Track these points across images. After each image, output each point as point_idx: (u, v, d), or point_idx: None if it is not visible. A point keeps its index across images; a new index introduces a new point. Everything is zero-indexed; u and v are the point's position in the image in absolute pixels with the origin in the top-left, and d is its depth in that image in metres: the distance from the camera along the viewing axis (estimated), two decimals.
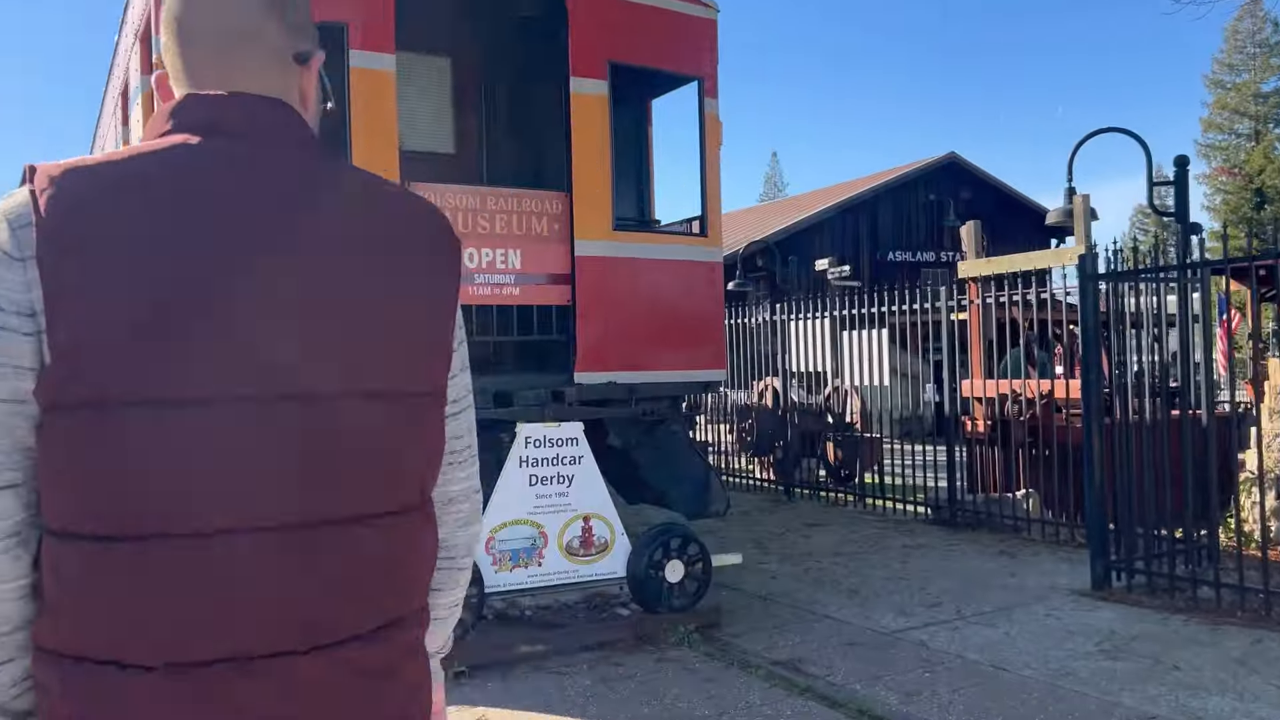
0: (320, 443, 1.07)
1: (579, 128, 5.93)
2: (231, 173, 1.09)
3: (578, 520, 5.40)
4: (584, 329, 5.92)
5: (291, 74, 1.21)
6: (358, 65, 5.31)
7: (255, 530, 1.03)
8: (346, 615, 1.09)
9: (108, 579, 1.00)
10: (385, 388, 1.13)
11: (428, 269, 1.20)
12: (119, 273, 0.99)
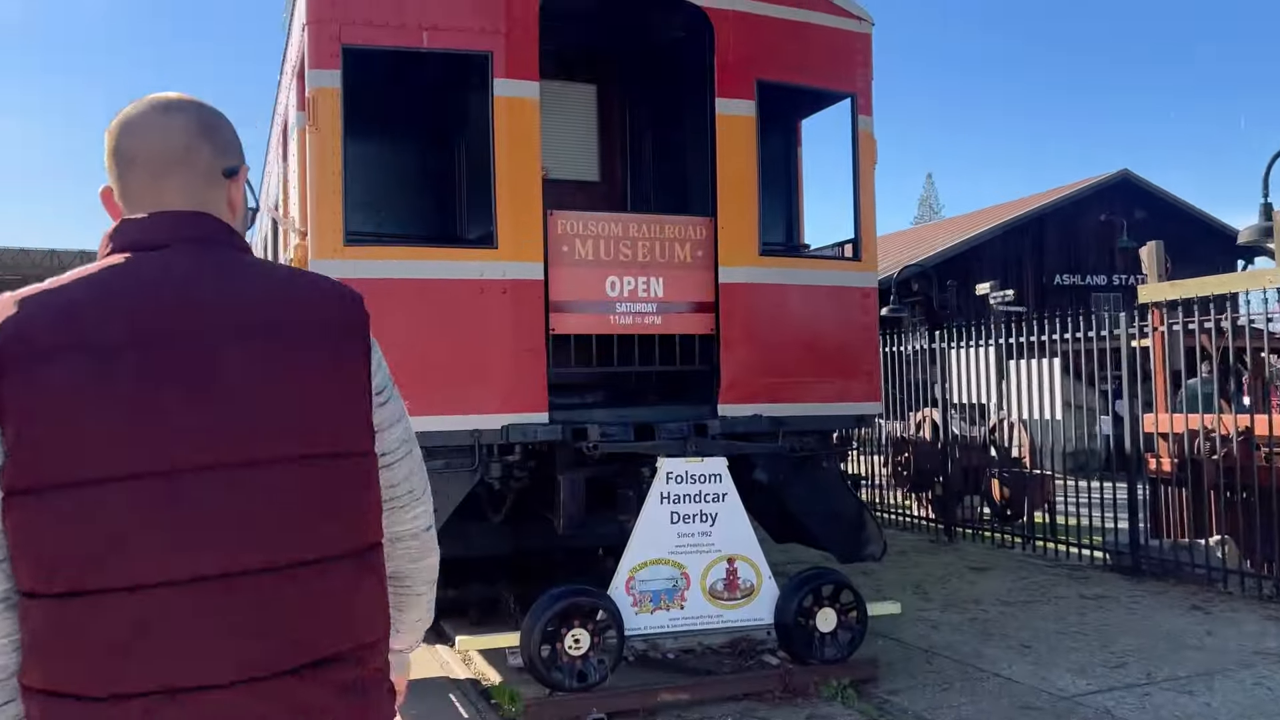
0: (238, 505, 1.28)
1: (725, 150, 5.71)
2: (153, 283, 1.32)
3: (721, 562, 5.12)
4: (728, 359, 5.67)
5: (219, 187, 1.45)
6: (502, 94, 5.26)
7: (182, 583, 1.24)
8: (271, 654, 1.28)
9: (63, 628, 1.23)
10: (299, 453, 1.32)
11: (333, 349, 1.40)
12: (55, 383, 1.23)
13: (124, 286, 1.32)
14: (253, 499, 1.29)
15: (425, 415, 5.10)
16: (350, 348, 1.43)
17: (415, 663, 5.42)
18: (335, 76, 5.10)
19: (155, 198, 1.41)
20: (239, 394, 1.30)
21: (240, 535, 1.28)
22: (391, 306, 5.12)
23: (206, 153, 1.44)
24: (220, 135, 1.48)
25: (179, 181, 1.42)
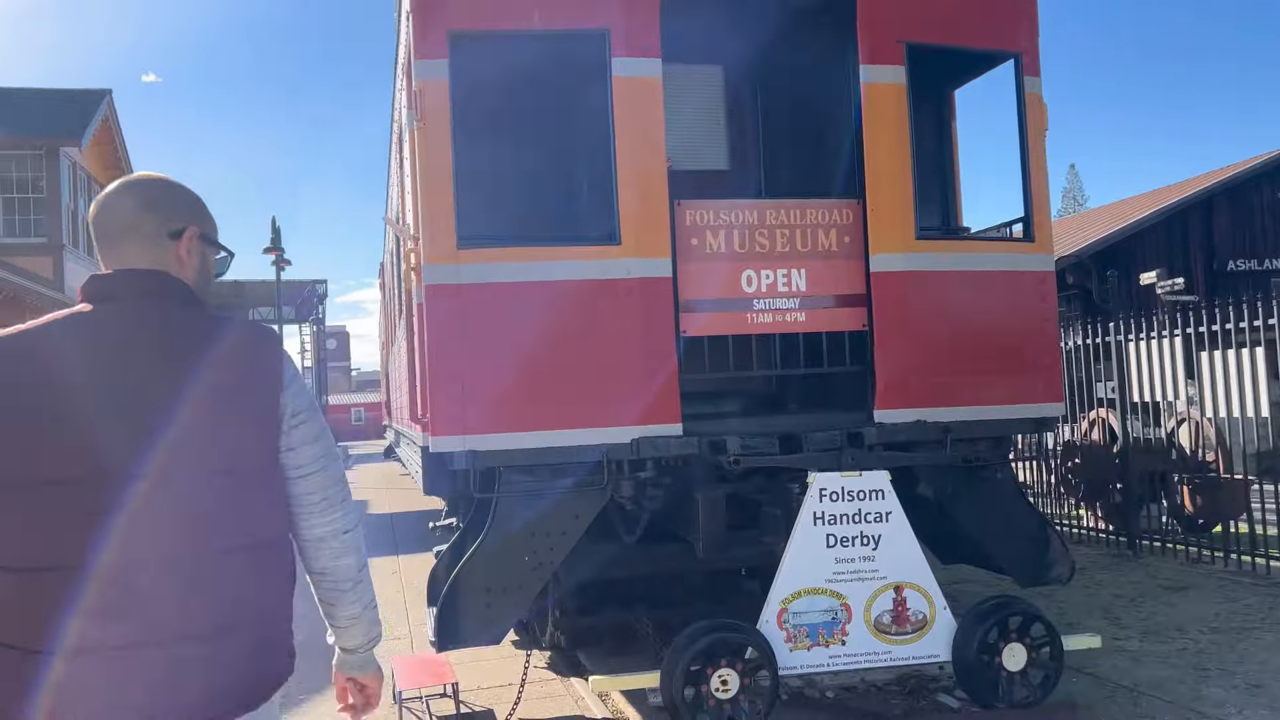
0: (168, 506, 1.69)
1: (872, 123, 5.06)
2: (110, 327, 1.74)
3: (888, 590, 4.46)
4: (884, 358, 5.01)
5: (167, 248, 1.86)
6: (621, 74, 4.77)
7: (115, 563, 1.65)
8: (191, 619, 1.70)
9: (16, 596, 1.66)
10: (211, 465, 1.74)
11: (248, 382, 1.81)
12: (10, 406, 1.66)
13: (79, 330, 1.74)
14: (164, 503, 1.69)
15: (548, 430, 4.66)
16: (261, 379, 1.82)
17: (548, 697, 4.91)
18: (442, 66, 4.71)
19: (118, 259, 1.85)
20: (157, 418, 1.69)
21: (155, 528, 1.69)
22: (508, 312, 4.70)
23: (150, 221, 1.86)
24: (164, 206, 1.88)
25: (132, 246, 1.85)
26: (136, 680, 1.67)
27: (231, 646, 1.76)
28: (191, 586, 1.71)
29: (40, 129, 20.70)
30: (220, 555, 1.74)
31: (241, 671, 1.79)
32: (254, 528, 1.81)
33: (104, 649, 1.64)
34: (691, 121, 6.01)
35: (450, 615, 4.64)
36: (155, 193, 1.89)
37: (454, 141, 4.71)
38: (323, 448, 1.92)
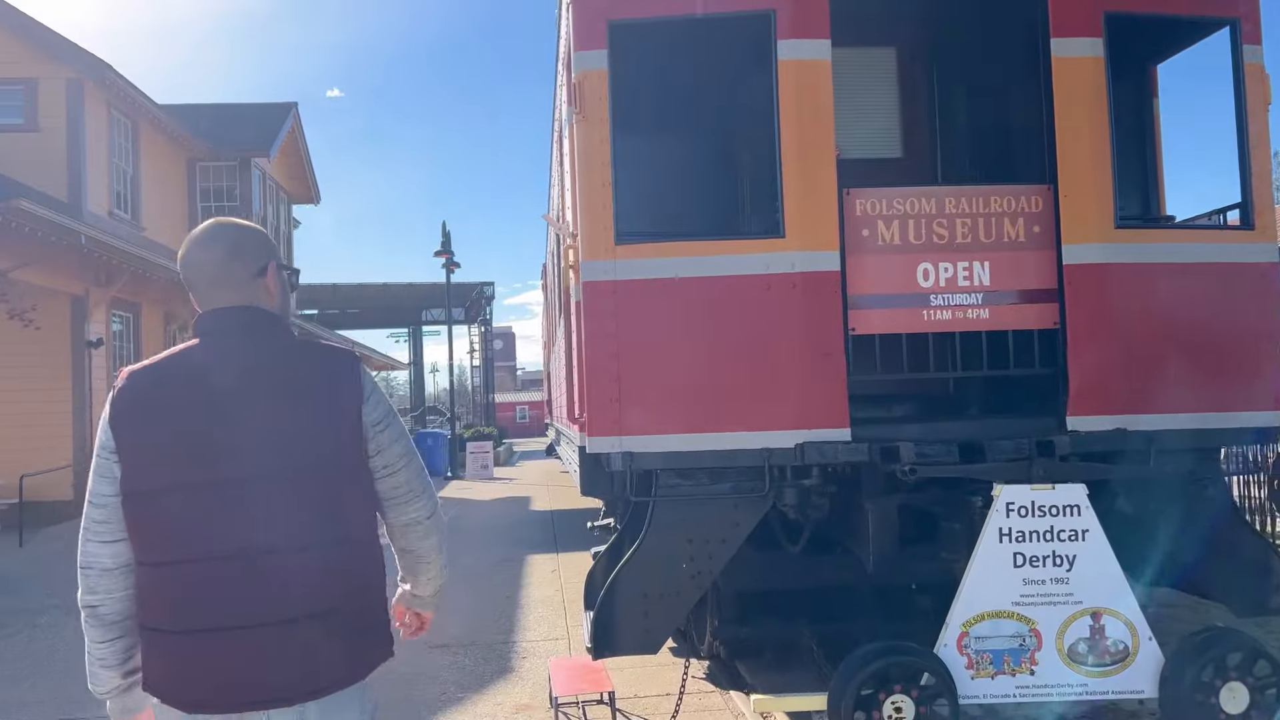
0: (270, 506, 1.97)
1: (1065, 101, 4.60)
2: (216, 359, 2.05)
3: (1084, 616, 4.02)
4: (1078, 359, 4.54)
5: (256, 285, 2.15)
6: (787, 57, 4.51)
7: (227, 556, 1.94)
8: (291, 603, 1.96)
9: (156, 584, 1.98)
10: (314, 470, 2.01)
11: (331, 396, 2.08)
12: (143, 429, 2.00)
13: (192, 363, 2.07)
14: (271, 503, 1.97)
15: (706, 432, 4.45)
16: (344, 394, 2.09)
17: (706, 710, 4.71)
18: (602, 57, 4.58)
19: (215, 300, 2.13)
20: (259, 429, 2.00)
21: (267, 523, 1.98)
22: (666, 309, 4.52)
23: (238, 269, 2.13)
24: (246, 251, 2.16)
25: (226, 291, 2.12)
26: (253, 657, 1.96)
27: (334, 628, 2.02)
28: (296, 575, 1.98)
29: (234, 142, 22.10)
30: (320, 548, 2.01)
31: (344, 650, 2.05)
32: (348, 524, 2.08)
33: (225, 630, 1.95)
34: (862, 107, 5.67)
35: (606, 622, 4.50)
36: (239, 239, 2.18)
37: (612, 133, 4.57)
38: (403, 447, 2.18)
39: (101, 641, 2.05)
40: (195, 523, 1.95)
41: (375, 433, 2.12)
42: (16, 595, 9.58)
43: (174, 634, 1.97)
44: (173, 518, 1.96)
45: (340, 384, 2.10)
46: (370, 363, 39.64)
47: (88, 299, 15.55)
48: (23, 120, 16.22)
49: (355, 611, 2.08)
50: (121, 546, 2.02)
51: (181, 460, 1.97)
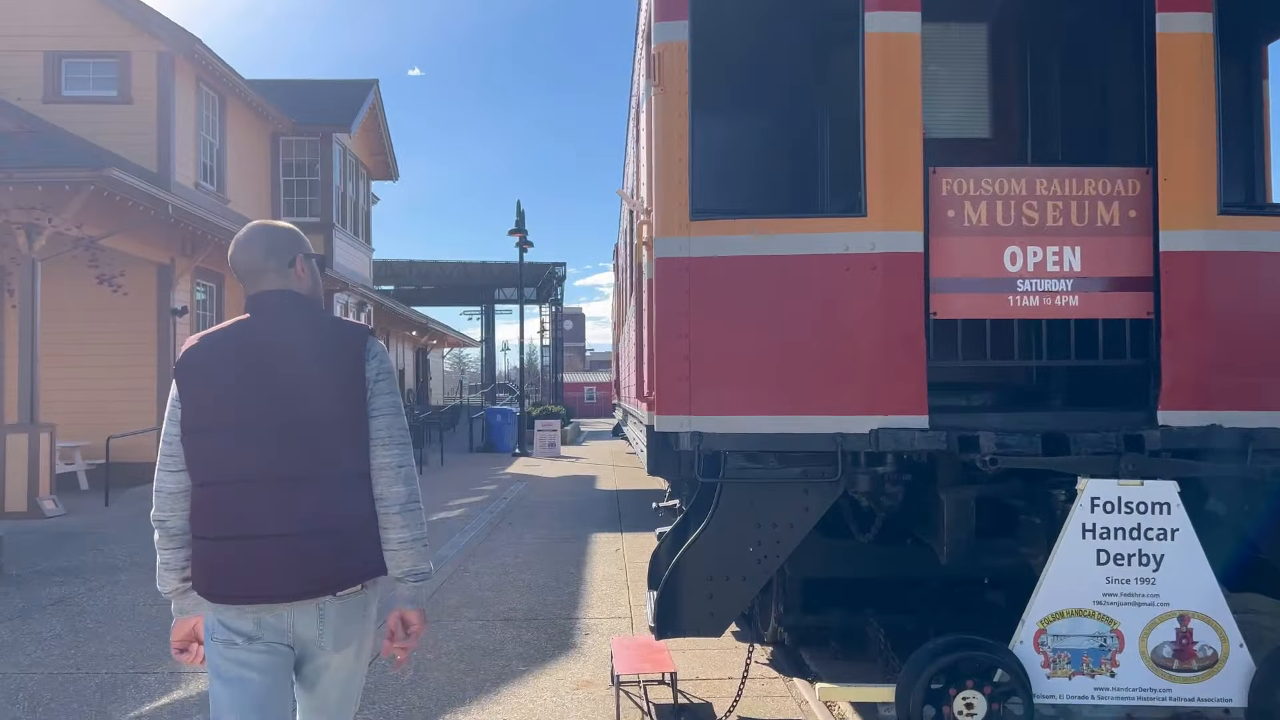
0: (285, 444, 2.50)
1: (1169, 80, 4.37)
2: (256, 330, 2.62)
3: (1170, 619, 3.84)
4: (1173, 351, 4.33)
5: (288, 273, 2.70)
6: (874, 30, 4.36)
7: (251, 480, 2.48)
8: (297, 521, 2.48)
9: (202, 502, 2.52)
10: (322, 418, 2.54)
11: (342, 359, 2.60)
12: (199, 382, 2.54)
13: (239, 333, 2.63)
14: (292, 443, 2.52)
15: (777, 415, 4.36)
16: (350, 359, 2.62)
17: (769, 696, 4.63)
18: (683, 28, 4.50)
19: (260, 284, 2.69)
20: (278, 386, 2.55)
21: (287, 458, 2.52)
22: (740, 288, 4.43)
23: (273, 264, 2.69)
24: (279, 247, 2.71)
25: (265, 279, 2.69)
26: (263, 561, 2.48)
27: (333, 545, 2.53)
28: (302, 500, 2.50)
29: (316, 117, 22.49)
30: (322, 480, 2.53)
31: (340, 562, 2.54)
32: (348, 463, 2.57)
33: (244, 538, 2.50)
34: (950, 84, 5.49)
35: (671, 603, 4.45)
36: (271, 239, 2.72)
37: (691, 106, 4.48)
38: (389, 402, 2.65)
39: (166, 549, 2.61)
40: (227, 454, 2.50)
41: (371, 384, 2.62)
42: (100, 552, 9.92)
43: (210, 540, 2.53)
44: (212, 449, 2.52)
45: (350, 350, 2.63)
46: (444, 339, 40.22)
47: (173, 268, 16.00)
48: (116, 93, 16.71)
49: (351, 532, 2.56)
50: (182, 476, 2.57)
51: (221, 406, 2.53)
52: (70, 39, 16.65)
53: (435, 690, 5.28)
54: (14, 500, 12.43)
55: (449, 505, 13.94)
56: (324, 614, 2.55)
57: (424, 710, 4.97)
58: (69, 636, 6.52)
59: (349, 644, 2.63)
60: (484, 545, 10.23)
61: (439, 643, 6.26)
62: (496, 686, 5.36)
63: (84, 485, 15.00)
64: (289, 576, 2.48)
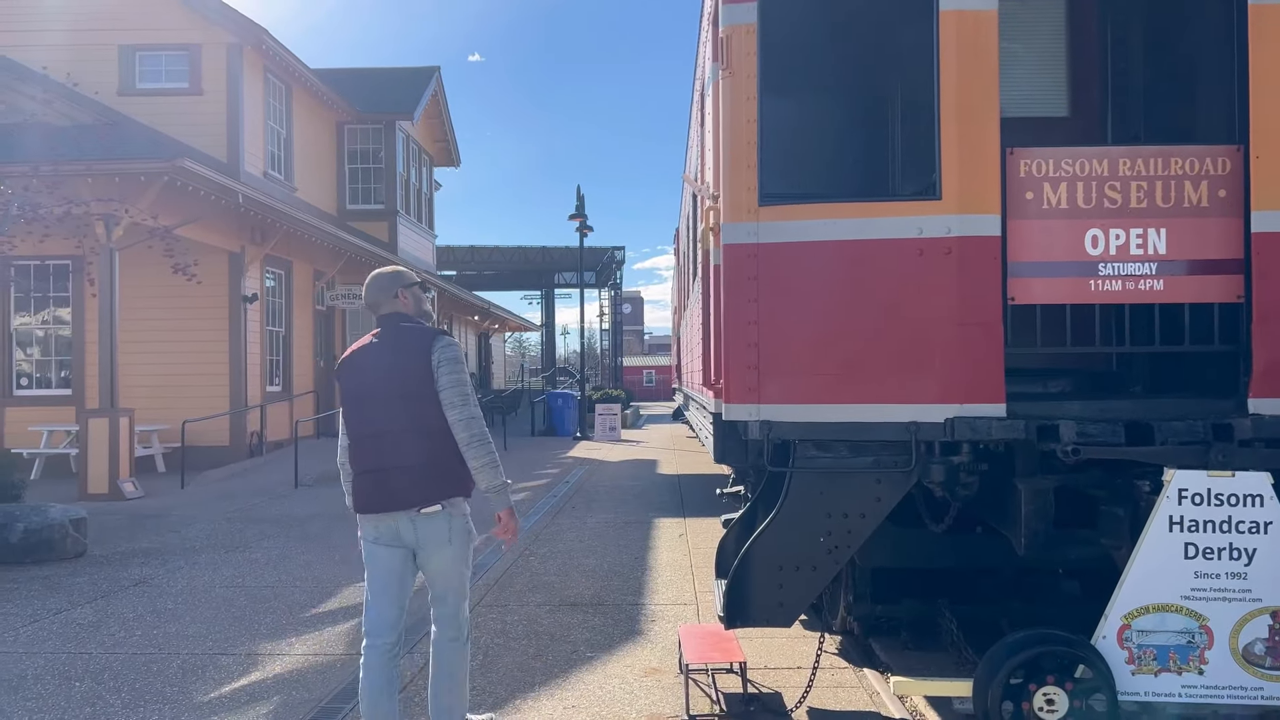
0: (391, 411, 3.91)
1: (1262, 53, 4.18)
2: (379, 340, 4.07)
3: (1262, 615, 3.70)
4: (1265, 337, 4.16)
5: (395, 302, 4.11)
6: (950, 7, 4.24)
7: (370, 435, 3.95)
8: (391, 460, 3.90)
9: (352, 449, 4.06)
10: (410, 393, 3.90)
11: (420, 355, 3.94)
12: (347, 375, 4.07)
13: (370, 342, 4.06)
14: (396, 410, 3.89)
15: (850, 403, 4.29)
16: (423, 354, 3.92)
17: (839, 687, 4.58)
18: (751, 10, 4.42)
19: (379, 311, 4.12)
20: (386, 374, 3.95)
21: (393, 419, 3.89)
22: (810, 274, 4.36)
23: (384, 297, 4.10)
24: (386, 286, 4.12)
25: (384, 306, 4.11)
26: (387, 487, 3.88)
27: (416, 476, 3.86)
28: (407, 445, 3.88)
29: (379, 105, 22.75)
30: (411, 433, 3.88)
31: (424, 487, 3.87)
32: (427, 419, 3.89)
33: (367, 471, 3.95)
34: (1027, 62, 5.32)
35: (740, 592, 4.42)
36: (381, 281, 4.14)
37: (760, 90, 4.41)
38: (451, 379, 3.91)
39: (345, 481, 4.10)
40: (360, 419, 3.98)
41: (435, 369, 3.90)
42: (178, 534, 10.21)
43: (356, 473, 4.01)
44: (354, 417, 4.01)
45: (424, 347, 3.95)
46: (505, 324, 40.55)
47: (243, 256, 16.34)
48: (187, 84, 17.09)
49: (428, 467, 3.87)
50: (344, 436, 4.08)
51: (359, 389, 3.99)
52: (143, 32, 17.06)
53: (505, 674, 5.32)
54: (96, 482, 12.85)
55: (513, 489, 14.06)
56: (415, 524, 3.89)
57: (494, 695, 5.02)
58: (150, 617, 6.71)
59: (439, 548, 3.91)
60: (548, 529, 10.30)
61: (507, 627, 6.31)
62: (565, 672, 5.38)
63: (161, 468, 15.44)
64: (383, 497, 3.88)
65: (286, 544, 9.57)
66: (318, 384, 20.06)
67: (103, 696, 5.07)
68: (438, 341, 3.94)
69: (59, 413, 15.74)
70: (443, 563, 3.93)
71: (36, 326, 16.31)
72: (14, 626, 6.50)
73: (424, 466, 3.83)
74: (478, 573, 8.07)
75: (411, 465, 3.82)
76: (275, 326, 17.98)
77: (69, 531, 8.94)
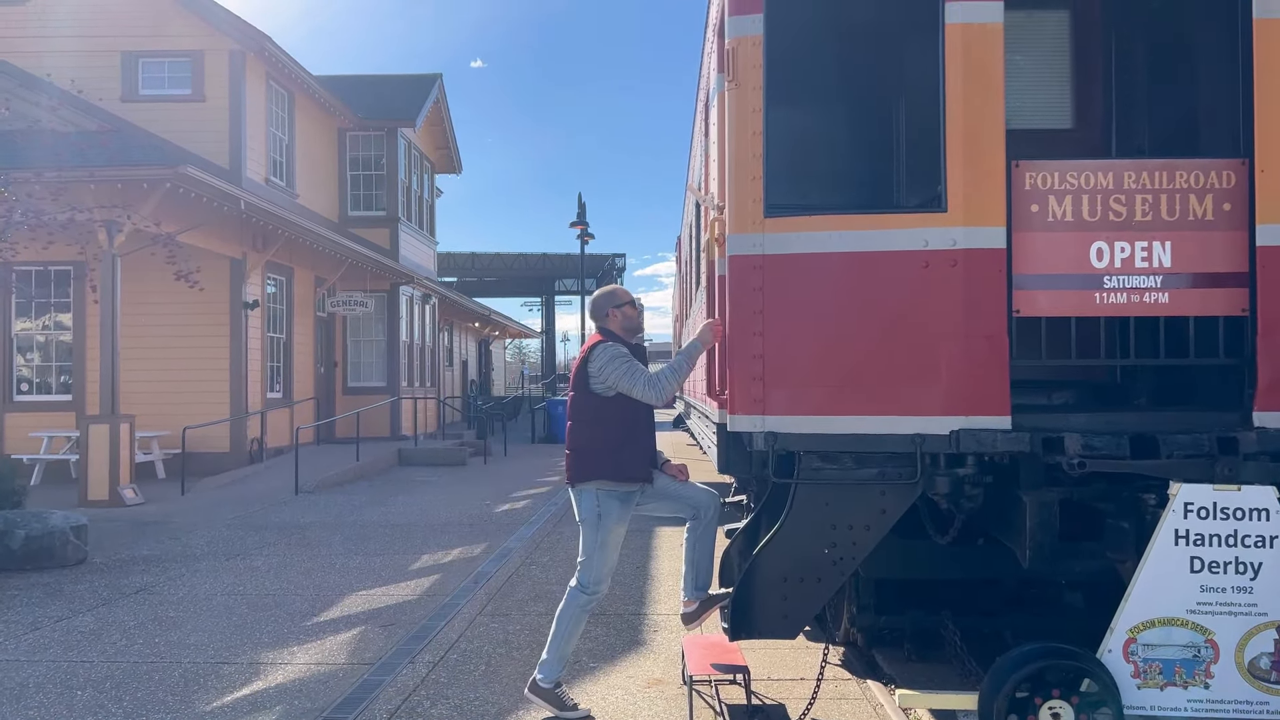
0: (571, 404, 5.04)
1: (1266, 68, 4.19)
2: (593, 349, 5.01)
3: (1268, 630, 3.70)
4: (1270, 349, 4.16)
5: (608, 317, 5.03)
6: (955, 20, 4.25)
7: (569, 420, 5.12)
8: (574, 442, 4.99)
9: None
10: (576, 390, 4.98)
11: (583, 360, 4.97)
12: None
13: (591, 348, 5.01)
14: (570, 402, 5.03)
15: (855, 415, 4.29)
16: (584, 359, 4.94)
17: (843, 699, 4.57)
18: (757, 22, 4.43)
19: (598, 323, 5.09)
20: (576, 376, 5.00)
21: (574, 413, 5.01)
22: (815, 285, 4.37)
23: (597, 314, 5.07)
24: (605, 304, 5.06)
25: (597, 322, 5.09)
26: (569, 462, 4.95)
27: (574, 459, 4.88)
28: (573, 434, 4.92)
29: (381, 112, 22.78)
30: (576, 422, 4.93)
31: (574, 468, 4.88)
32: (586, 414, 4.89)
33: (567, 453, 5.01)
34: (1031, 74, 5.34)
35: (744, 604, 4.41)
36: (602, 299, 5.04)
37: (766, 101, 4.42)
38: (618, 371, 4.80)
39: None
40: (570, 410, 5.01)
41: (594, 378, 4.83)
42: (179, 541, 10.20)
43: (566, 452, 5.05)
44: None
45: (589, 352, 4.90)
46: (505, 330, 40.56)
47: (245, 262, 16.35)
48: (190, 91, 17.12)
49: (582, 452, 4.86)
50: None
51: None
52: (146, 39, 17.09)
53: (508, 685, 5.31)
54: (96, 489, 12.84)
55: (513, 497, 14.05)
56: (575, 495, 4.88)
57: (498, 705, 5.01)
58: (152, 625, 6.70)
59: (585, 518, 4.84)
60: (549, 538, 10.29)
61: (510, 636, 6.31)
62: (568, 683, 5.37)
63: (161, 474, 15.43)
64: (568, 472, 4.93)
65: (287, 551, 9.56)
66: (318, 390, 20.06)
67: (104, 706, 5.06)
68: (593, 350, 4.96)
69: (60, 418, 15.73)
70: (587, 533, 4.87)
71: (38, 332, 16.32)
72: (15, 634, 6.49)
73: (578, 449, 4.99)
74: (479, 581, 8.06)
75: (572, 448, 5.02)
76: (276, 333, 17.99)
77: (70, 538, 8.93)
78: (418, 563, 9.05)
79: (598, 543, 4.82)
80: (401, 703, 5.05)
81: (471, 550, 9.64)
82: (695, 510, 4.99)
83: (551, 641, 4.88)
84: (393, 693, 5.21)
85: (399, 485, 15.29)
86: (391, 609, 7.15)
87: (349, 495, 14.19)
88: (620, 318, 4.94)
